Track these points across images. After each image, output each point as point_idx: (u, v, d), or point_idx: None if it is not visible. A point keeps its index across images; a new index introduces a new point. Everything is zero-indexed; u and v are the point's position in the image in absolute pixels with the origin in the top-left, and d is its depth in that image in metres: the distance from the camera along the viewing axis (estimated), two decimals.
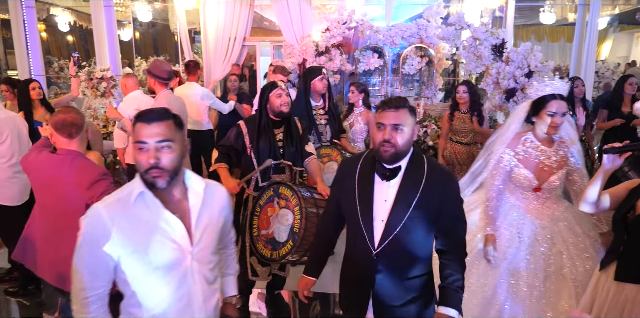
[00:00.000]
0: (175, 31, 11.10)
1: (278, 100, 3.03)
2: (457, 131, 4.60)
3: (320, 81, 3.80)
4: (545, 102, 2.56)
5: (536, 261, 2.54)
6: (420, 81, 7.35)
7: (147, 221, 1.51)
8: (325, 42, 6.15)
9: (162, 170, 1.48)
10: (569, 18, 12.27)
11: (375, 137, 1.83)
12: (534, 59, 5.48)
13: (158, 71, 3.94)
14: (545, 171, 2.62)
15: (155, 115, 1.49)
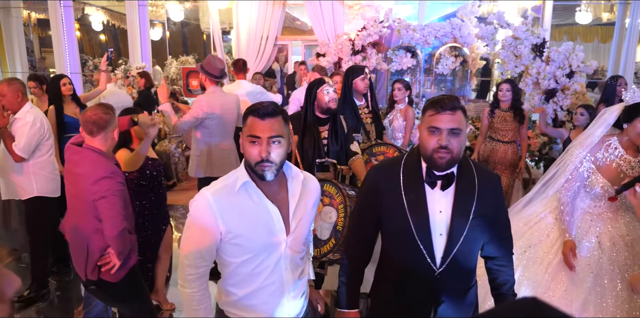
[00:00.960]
0: (205, 30, 11.24)
1: (326, 97, 3.02)
2: (498, 130, 4.55)
3: (362, 80, 3.76)
4: (636, 111, 2.38)
5: (622, 273, 2.39)
6: (453, 81, 7.27)
7: (250, 209, 1.59)
8: (362, 41, 6.12)
9: (272, 164, 1.54)
10: (603, 18, 11.99)
11: (428, 142, 1.63)
12: (576, 59, 5.35)
13: (211, 68, 3.90)
14: (622, 180, 2.42)
15: (268, 110, 1.53)
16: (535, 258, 2.54)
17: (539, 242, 2.57)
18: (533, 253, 2.56)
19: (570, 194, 2.55)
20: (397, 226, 1.72)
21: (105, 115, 2.40)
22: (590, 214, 2.56)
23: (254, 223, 1.59)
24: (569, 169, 2.55)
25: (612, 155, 2.49)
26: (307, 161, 3.08)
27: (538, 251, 2.55)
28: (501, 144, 4.57)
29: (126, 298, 2.57)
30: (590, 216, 2.55)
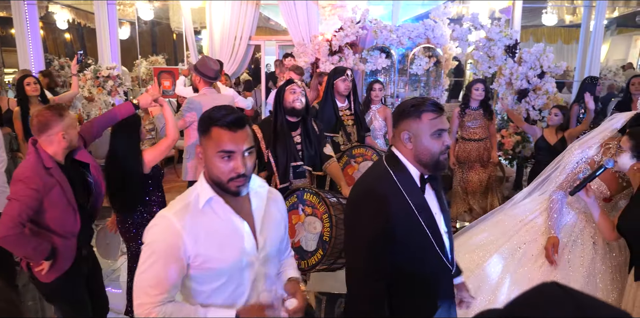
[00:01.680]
0: (175, 30, 11.02)
1: (291, 96, 2.96)
2: (469, 128, 4.62)
3: (342, 81, 3.74)
4: None
5: (614, 273, 2.46)
6: (427, 82, 7.35)
7: (217, 227, 1.45)
8: (339, 41, 6.11)
9: (247, 178, 1.43)
10: (566, 20, 12.37)
11: (434, 146, 1.60)
12: (547, 60, 5.49)
13: (206, 69, 3.82)
14: (620, 184, 2.53)
15: (236, 120, 1.40)
16: (529, 256, 2.58)
17: (533, 240, 2.61)
18: (527, 251, 2.59)
19: (561, 192, 2.61)
20: (412, 234, 1.63)
21: (48, 117, 2.34)
22: (586, 214, 2.61)
23: (223, 242, 1.44)
24: (568, 169, 2.61)
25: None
26: (281, 167, 3.00)
27: (532, 249, 2.58)
28: (473, 142, 4.63)
29: (55, 300, 2.55)
30: (586, 217, 2.59)
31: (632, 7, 10.74)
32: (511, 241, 2.66)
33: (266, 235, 1.54)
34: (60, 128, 2.35)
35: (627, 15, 11.98)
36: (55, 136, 2.35)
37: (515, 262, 2.58)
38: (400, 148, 1.67)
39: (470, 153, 4.64)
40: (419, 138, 1.61)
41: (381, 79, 7.19)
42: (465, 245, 2.83)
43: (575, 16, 11.98)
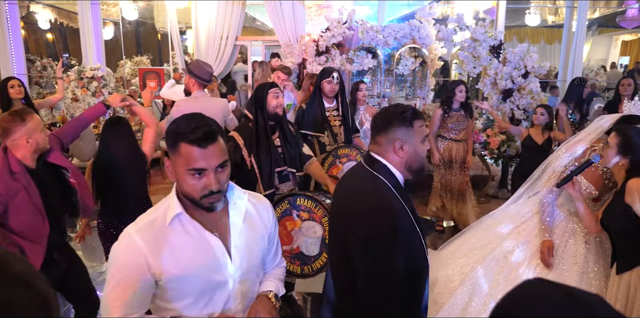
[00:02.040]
0: (160, 30, 10.93)
1: (275, 101, 2.83)
2: (451, 130, 4.63)
3: (328, 83, 3.72)
4: (629, 121, 2.48)
5: (606, 271, 2.47)
6: (413, 82, 7.39)
7: (186, 244, 1.35)
8: (326, 42, 6.12)
9: (220, 193, 1.34)
10: (548, 20, 12.54)
11: (423, 151, 1.65)
12: (531, 60, 5.56)
13: (200, 72, 3.75)
14: (607, 185, 2.56)
15: (205, 135, 1.28)
16: (524, 258, 2.59)
17: (527, 242, 2.62)
18: (522, 253, 2.60)
19: (552, 196, 2.63)
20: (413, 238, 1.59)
21: (10, 122, 2.34)
22: (576, 214, 2.61)
23: (192, 260, 1.35)
24: (557, 172, 2.63)
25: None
26: (265, 173, 2.91)
27: (526, 251, 2.59)
28: (454, 143, 4.65)
29: None
30: (576, 216, 2.61)
31: (612, 8, 10.94)
32: (504, 244, 2.66)
33: (244, 250, 1.44)
34: (23, 133, 2.34)
35: (607, 16, 12.18)
36: (19, 140, 2.34)
37: (509, 265, 2.58)
38: (388, 155, 1.63)
39: (451, 152, 4.67)
40: (412, 145, 1.61)
41: (367, 79, 7.22)
42: (459, 250, 2.83)
43: (557, 17, 12.16)
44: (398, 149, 1.61)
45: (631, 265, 2.19)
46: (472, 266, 2.66)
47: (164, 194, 5.95)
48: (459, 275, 2.67)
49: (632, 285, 2.16)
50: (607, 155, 2.20)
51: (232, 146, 2.83)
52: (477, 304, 2.50)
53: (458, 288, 2.59)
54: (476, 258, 2.69)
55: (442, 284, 2.68)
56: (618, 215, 2.19)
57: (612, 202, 2.25)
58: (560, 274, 2.47)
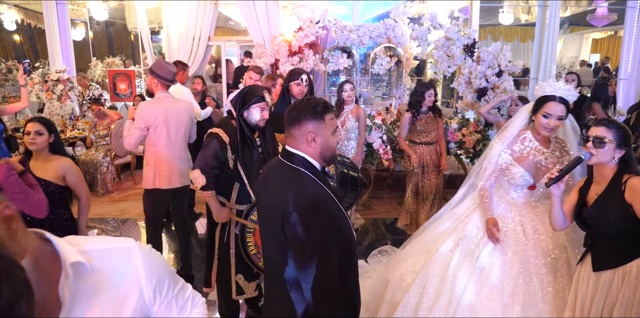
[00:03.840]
0: (132, 30, 10.70)
1: (258, 115, 2.79)
2: (421, 132, 4.54)
3: (296, 85, 3.64)
4: (542, 103, 2.56)
5: (544, 257, 2.55)
6: (388, 81, 7.37)
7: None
8: (299, 42, 6.03)
9: None
10: (522, 19, 12.71)
11: (334, 142, 1.81)
12: (504, 58, 5.58)
13: (164, 72, 3.60)
14: (541, 170, 2.64)
15: None
16: (467, 250, 2.68)
17: (471, 234, 2.72)
18: (465, 246, 2.70)
19: (490, 183, 2.74)
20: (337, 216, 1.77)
21: None
22: (515, 205, 2.73)
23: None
24: (492, 162, 2.72)
25: (528, 147, 2.65)
26: (254, 176, 2.83)
27: (470, 244, 2.69)
28: (425, 146, 4.56)
29: None
30: (515, 207, 2.72)
31: (582, 6, 11.12)
32: (448, 240, 2.76)
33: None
34: None
35: (578, 15, 12.40)
36: None
37: (456, 258, 2.67)
38: (302, 147, 1.77)
39: (422, 156, 4.59)
40: (323, 137, 1.75)
41: (343, 79, 7.16)
42: (410, 251, 2.95)
43: (530, 15, 12.31)
44: (310, 141, 1.74)
45: (613, 264, 2.16)
46: (422, 264, 2.76)
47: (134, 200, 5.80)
48: (410, 274, 2.78)
49: (614, 284, 2.14)
50: (606, 150, 2.14)
51: (219, 143, 2.78)
52: (428, 301, 2.59)
53: (410, 287, 2.69)
54: (425, 256, 2.80)
55: (395, 284, 2.78)
56: (612, 213, 2.15)
57: (605, 199, 2.20)
58: (503, 264, 2.55)
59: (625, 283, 2.12)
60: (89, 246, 1.03)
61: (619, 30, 11.48)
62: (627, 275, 2.12)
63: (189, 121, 3.78)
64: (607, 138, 2.13)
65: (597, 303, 2.18)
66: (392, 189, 6.10)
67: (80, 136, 6.44)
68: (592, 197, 2.24)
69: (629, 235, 2.14)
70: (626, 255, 2.15)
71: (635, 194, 2.09)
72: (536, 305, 2.43)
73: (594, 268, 2.21)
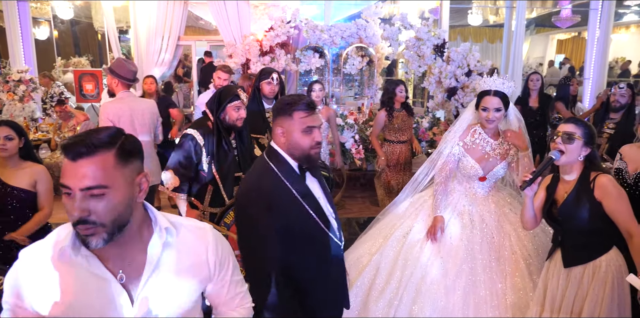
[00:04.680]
0: (99, 30, 10.44)
1: (235, 114, 2.74)
2: (397, 130, 4.58)
3: (267, 84, 3.62)
4: (480, 97, 2.72)
5: (490, 245, 2.68)
6: (360, 81, 7.41)
7: (74, 282, 1.14)
8: (270, 41, 5.99)
9: (89, 224, 1.07)
10: (490, 20, 12.97)
11: (305, 141, 1.78)
12: (473, 58, 5.67)
13: (123, 71, 3.53)
14: (490, 162, 2.78)
15: (82, 149, 1.06)
16: (418, 237, 2.80)
17: (423, 221, 2.85)
18: (416, 232, 2.82)
19: (444, 175, 2.83)
20: (300, 219, 1.80)
21: None
22: (466, 195, 2.87)
23: (80, 301, 1.14)
24: (444, 154, 2.83)
25: (478, 139, 2.78)
26: (229, 179, 2.78)
27: (422, 230, 2.82)
28: (397, 145, 4.60)
29: None
30: (466, 197, 2.86)
31: (548, 8, 11.42)
32: (404, 224, 2.90)
33: (157, 298, 1.19)
34: None
35: (543, 16, 12.73)
36: None
37: (407, 244, 2.79)
38: (277, 142, 1.82)
39: (398, 155, 4.62)
40: (291, 133, 1.77)
41: (316, 79, 7.16)
42: (368, 234, 3.08)
43: (498, 16, 12.58)
44: (280, 136, 1.80)
45: (583, 260, 2.21)
46: (378, 247, 2.89)
47: None
48: (367, 256, 2.90)
49: (584, 279, 2.19)
50: (574, 148, 2.18)
51: (193, 145, 2.72)
52: (380, 281, 2.73)
53: (365, 269, 2.81)
54: (381, 240, 2.93)
55: (352, 265, 2.88)
56: (583, 211, 2.19)
57: (575, 197, 2.24)
58: (450, 249, 2.69)
59: (595, 278, 2.17)
60: (175, 220, 1.26)
61: (582, 31, 11.84)
62: (596, 269, 2.18)
63: (154, 120, 3.72)
64: (576, 134, 2.17)
65: (568, 298, 2.23)
66: (365, 188, 6.12)
67: (44, 138, 6.24)
68: (561, 195, 2.28)
69: (598, 231, 2.19)
70: (595, 251, 2.21)
71: (605, 192, 2.14)
72: (477, 288, 2.57)
73: (565, 264, 2.25)
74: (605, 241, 2.22)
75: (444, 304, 2.55)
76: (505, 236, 2.70)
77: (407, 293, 2.61)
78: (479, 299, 2.54)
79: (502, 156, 2.77)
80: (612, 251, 2.21)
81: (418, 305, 2.56)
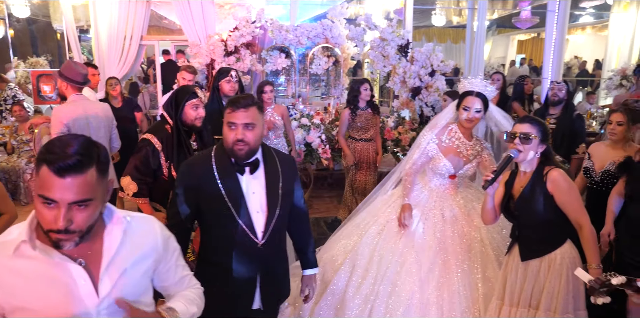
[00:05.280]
0: (58, 29, 10.12)
1: (194, 112, 2.66)
2: (361, 129, 4.62)
3: (227, 82, 3.60)
4: (463, 97, 2.81)
5: (461, 238, 2.78)
6: (327, 81, 7.44)
7: (36, 272, 1.22)
8: (235, 41, 5.94)
9: (69, 234, 1.17)
10: (453, 21, 13.26)
11: (228, 136, 1.89)
12: (436, 59, 5.78)
13: (72, 74, 3.44)
14: (462, 161, 2.88)
15: (72, 167, 1.13)
16: (393, 232, 2.88)
17: (395, 218, 2.90)
18: (390, 228, 2.89)
19: (415, 167, 2.93)
20: (217, 211, 1.92)
21: None
22: (437, 192, 2.96)
23: (42, 290, 1.22)
24: (421, 148, 2.93)
25: (453, 138, 2.88)
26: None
27: (394, 226, 2.88)
28: (363, 143, 4.64)
29: None
30: (437, 194, 2.95)
31: (508, 9, 11.75)
32: (378, 221, 2.96)
33: (116, 277, 1.29)
34: None
35: (504, 17, 13.08)
36: None
37: (381, 240, 2.87)
38: None
39: (361, 153, 4.66)
40: (223, 128, 1.91)
41: (282, 79, 7.16)
42: (343, 233, 3.13)
43: (461, 17, 12.87)
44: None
45: (540, 253, 2.29)
46: (353, 245, 2.95)
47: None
48: (342, 254, 2.96)
49: (541, 272, 2.27)
50: (531, 146, 2.25)
51: (150, 150, 2.64)
52: (357, 279, 2.78)
53: (341, 267, 2.87)
54: (356, 238, 2.98)
55: (328, 264, 2.95)
56: (537, 204, 2.27)
57: (529, 191, 2.31)
58: (422, 243, 2.77)
59: (551, 270, 2.25)
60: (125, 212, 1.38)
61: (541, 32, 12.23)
62: (552, 262, 2.26)
63: (108, 123, 3.65)
64: (533, 134, 2.25)
65: (526, 291, 2.31)
66: (332, 188, 6.15)
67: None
68: (517, 190, 2.36)
69: (552, 224, 2.28)
70: (551, 244, 2.29)
71: (556, 185, 2.23)
72: (450, 280, 2.65)
73: (522, 258, 2.33)
74: (559, 234, 2.31)
75: (419, 296, 2.62)
76: (476, 230, 2.80)
77: (383, 288, 2.68)
78: (453, 290, 2.61)
79: (474, 156, 2.88)
80: (566, 244, 2.30)
81: (394, 299, 2.63)
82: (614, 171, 3.01)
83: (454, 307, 2.58)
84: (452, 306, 2.58)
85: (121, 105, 5.18)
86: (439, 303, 2.59)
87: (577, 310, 2.27)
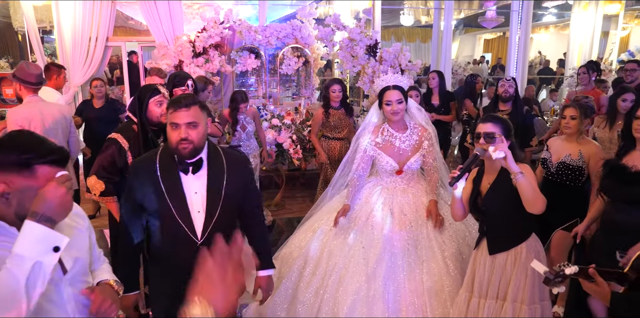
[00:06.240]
0: (20, 30, 9.81)
1: (158, 109, 2.66)
2: (334, 127, 4.70)
3: (182, 91, 3.55)
4: (382, 94, 2.90)
5: (408, 234, 2.86)
6: (297, 81, 7.45)
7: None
8: (203, 42, 5.89)
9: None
10: (422, 21, 13.45)
11: (171, 136, 1.91)
12: (404, 58, 5.87)
13: (24, 75, 3.41)
14: (403, 156, 2.97)
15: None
16: (343, 228, 2.97)
17: (347, 214, 2.97)
18: (341, 226, 2.98)
19: (358, 173, 3.04)
20: (157, 208, 1.96)
21: None
22: (387, 189, 3.05)
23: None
24: (360, 151, 3.04)
25: (387, 136, 2.98)
26: None
27: (345, 222, 2.98)
28: (337, 141, 4.73)
29: None
30: (387, 191, 3.04)
31: (474, 9, 11.99)
32: (330, 218, 3.04)
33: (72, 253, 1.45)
34: None
35: (470, 17, 13.34)
36: None
37: (331, 235, 2.98)
38: None
39: (334, 151, 4.73)
40: (167, 129, 1.94)
41: (252, 79, 7.15)
42: (300, 229, 3.22)
43: (429, 17, 13.06)
44: None
45: (507, 247, 2.37)
46: (307, 241, 3.05)
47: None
48: (297, 249, 3.06)
49: (507, 265, 2.36)
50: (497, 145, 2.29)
51: (117, 149, 2.64)
52: (308, 273, 2.89)
53: (295, 261, 2.97)
54: (310, 234, 3.08)
55: (284, 260, 3.05)
56: (504, 199, 2.34)
57: (496, 187, 2.38)
58: (371, 239, 2.87)
59: (517, 263, 2.34)
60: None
61: (506, 31, 12.53)
62: (518, 255, 2.35)
63: (65, 124, 3.62)
64: (496, 133, 2.33)
65: (494, 284, 2.39)
66: (305, 188, 6.17)
67: None
68: (485, 186, 2.44)
69: (518, 218, 2.35)
70: (517, 238, 2.38)
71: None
72: (396, 274, 2.74)
73: (490, 251, 2.41)
74: (525, 228, 2.40)
75: (366, 290, 2.69)
76: (423, 225, 2.88)
77: (331, 281, 2.76)
78: (398, 284, 2.70)
79: (414, 147, 2.96)
80: (531, 238, 2.39)
81: (341, 292, 2.70)
82: (571, 165, 3.13)
83: (399, 301, 2.66)
84: (397, 300, 2.67)
85: (101, 105, 5.23)
86: (384, 296, 2.67)
87: (542, 300, 2.37)
